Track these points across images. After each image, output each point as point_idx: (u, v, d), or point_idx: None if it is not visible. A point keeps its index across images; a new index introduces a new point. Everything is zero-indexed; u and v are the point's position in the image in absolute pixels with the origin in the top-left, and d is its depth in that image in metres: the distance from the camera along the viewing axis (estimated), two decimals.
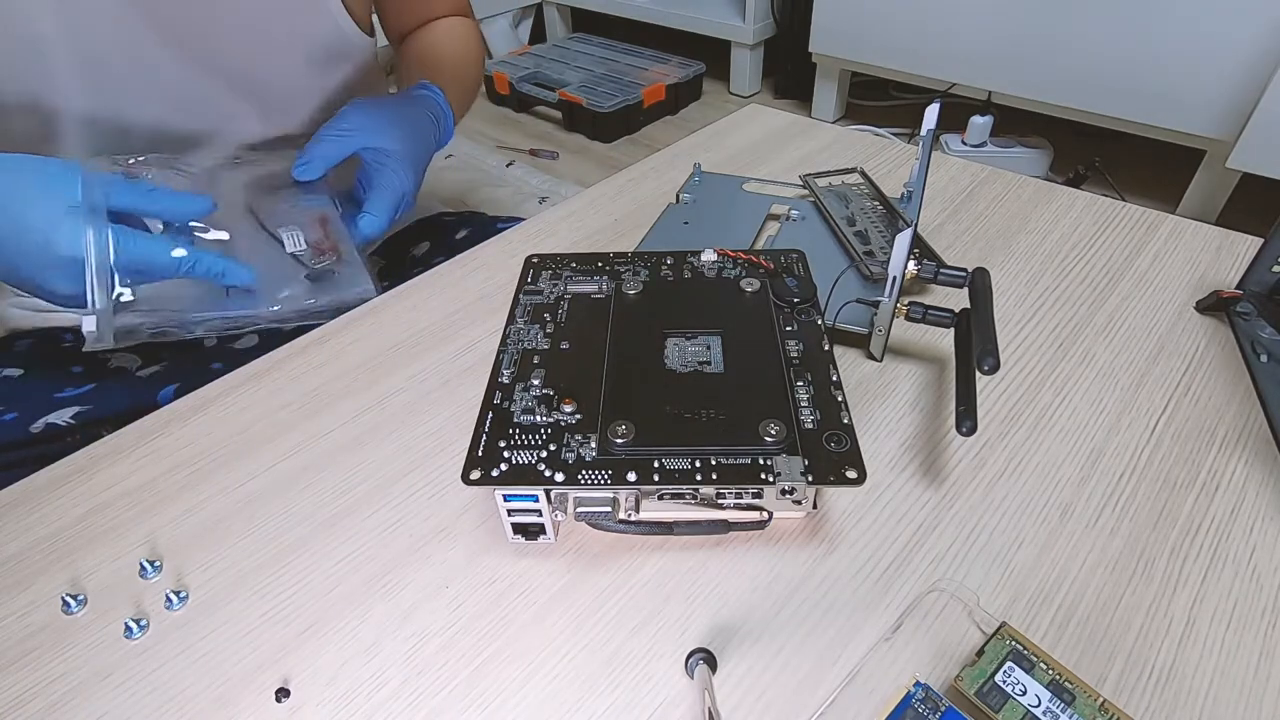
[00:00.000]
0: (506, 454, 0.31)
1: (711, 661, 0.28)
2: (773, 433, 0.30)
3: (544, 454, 0.31)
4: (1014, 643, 0.27)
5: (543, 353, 0.36)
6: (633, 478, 0.30)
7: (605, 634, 0.30)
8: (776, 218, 0.53)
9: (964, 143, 1.54)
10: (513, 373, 0.35)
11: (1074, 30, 1.31)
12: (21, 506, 0.36)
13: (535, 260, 0.43)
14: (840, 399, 0.32)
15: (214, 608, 0.31)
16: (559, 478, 0.30)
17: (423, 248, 0.65)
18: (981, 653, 0.27)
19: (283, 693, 0.28)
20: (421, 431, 0.39)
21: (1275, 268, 0.43)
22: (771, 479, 0.29)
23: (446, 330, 0.46)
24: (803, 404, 0.32)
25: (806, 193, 0.55)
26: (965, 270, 0.40)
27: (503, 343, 0.37)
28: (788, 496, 0.29)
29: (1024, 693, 0.26)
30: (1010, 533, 0.32)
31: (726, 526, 0.31)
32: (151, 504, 0.36)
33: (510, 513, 0.31)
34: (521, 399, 0.33)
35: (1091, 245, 0.51)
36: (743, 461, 0.30)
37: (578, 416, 0.32)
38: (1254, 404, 0.38)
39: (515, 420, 0.32)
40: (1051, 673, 0.26)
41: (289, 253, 0.42)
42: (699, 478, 0.29)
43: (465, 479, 0.30)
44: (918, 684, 0.26)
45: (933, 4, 1.45)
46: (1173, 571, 0.31)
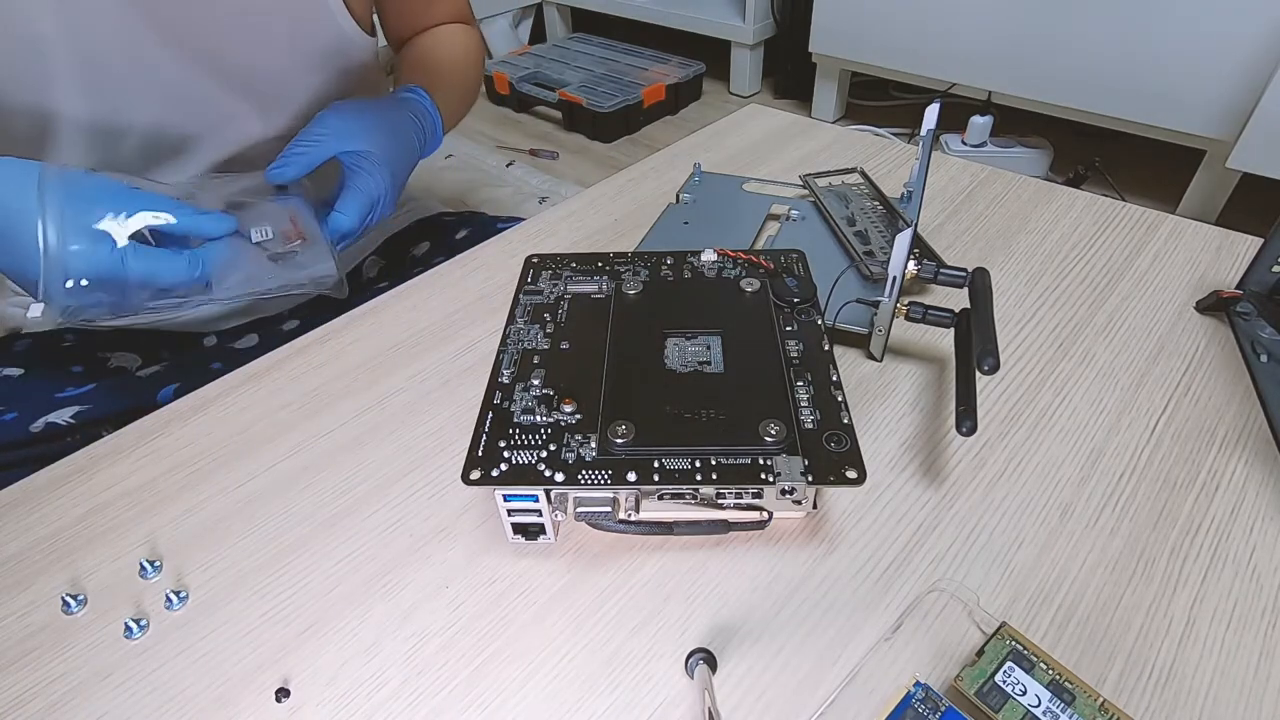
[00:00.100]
0: (506, 454, 0.31)
1: (711, 661, 0.28)
2: (773, 433, 0.30)
3: (544, 454, 0.31)
4: (1014, 643, 0.27)
5: (543, 353, 0.36)
6: (633, 478, 0.30)
7: (605, 634, 0.30)
8: (776, 218, 0.53)
9: (964, 143, 1.54)
10: (513, 373, 0.35)
11: (1074, 30, 1.31)
12: (21, 506, 0.36)
13: (535, 260, 0.43)
14: (840, 399, 0.32)
15: (214, 608, 0.31)
16: (559, 478, 0.30)
17: (423, 248, 0.65)
18: (981, 653, 0.27)
19: (283, 693, 0.28)
20: (421, 431, 0.39)
21: (1275, 268, 0.43)
22: (771, 479, 0.29)
23: (446, 330, 0.46)
24: (803, 404, 0.32)
25: (806, 193, 0.55)
26: (965, 270, 0.40)
27: (503, 343, 0.37)
28: (788, 496, 0.29)
29: (1024, 693, 0.26)
30: (1010, 533, 0.32)
31: (726, 526, 0.31)
32: (151, 504, 0.36)
33: (510, 513, 0.31)
34: (521, 399, 0.33)
35: (1091, 245, 0.51)
36: (743, 461, 0.30)
37: (578, 416, 0.32)
38: (1254, 404, 0.38)
39: (515, 420, 0.32)
40: (1051, 673, 0.26)
41: (255, 242, 0.42)
42: (699, 478, 0.29)
43: (465, 479, 0.30)
44: (918, 684, 0.26)
45: (933, 4, 1.45)
46: (1173, 571, 0.31)
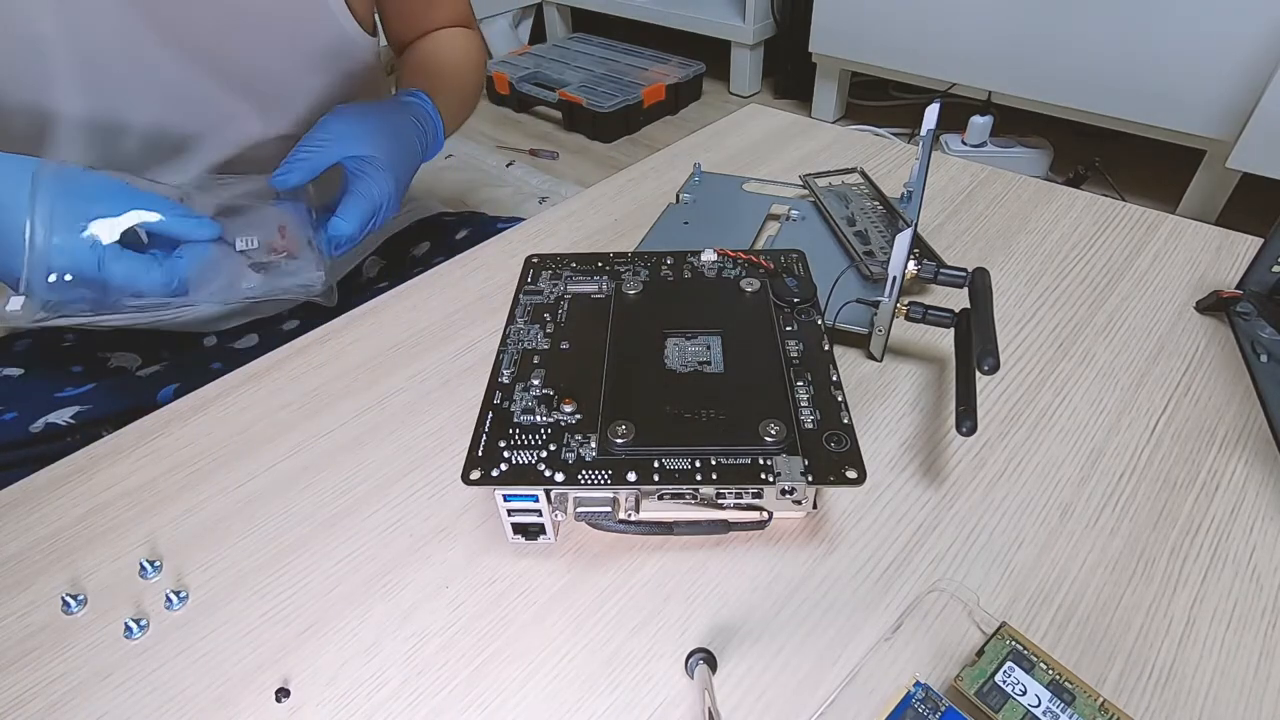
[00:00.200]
0: (506, 454, 0.31)
1: (711, 661, 0.28)
2: (773, 433, 0.30)
3: (544, 454, 0.31)
4: (1014, 643, 0.27)
5: (543, 353, 0.36)
6: (633, 478, 0.29)
7: (605, 634, 0.30)
8: (776, 218, 0.53)
9: (964, 143, 1.53)
10: (513, 373, 0.35)
11: (1074, 30, 1.31)
12: (21, 506, 0.36)
13: (535, 260, 0.43)
14: (840, 399, 0.32)
15: (214, 608, 0.31)
16: (559, 478, 0.30)
17: (423, 248, 0.65)
18: (981, 653, 0.27)
19: (283, 693, 0.28)
20: (421, 431, 0.39)
21: (1275, 268, 0.43)
22: (771, 479, 0.29)
23: (446, 330, 0.46)
24: (803, 404, 0.32)
25: (806, 193, 0.55)
26: (965, 270, 0.40)
27: (503, 343, 0.37)
28: (788, 496, 0.29)
29: (1024, 693, 0.26)
30: (1010, 533, 0.32)
31: (726, 526, 0.31)
32: (151, 504, 0.36)
33: (510, 513, 0.31)
34: (521, 399, 0.33)
35: (1091, 245, 0.51)
36: (743, 461, 0.30)
37: (578, 416, 0.32)
38: (1254, 404, 0.38)
39: (515, 420, 0.32)
40: (1051, 673, 0.26)
41: (239, 250, 0.41)
42: (699, 478, 0.29)
43: (465, 479, 0.30)
44: (918, 684, 0.26)
45: (933, 4, 1.45)
46: (1173, 571, 0.31)
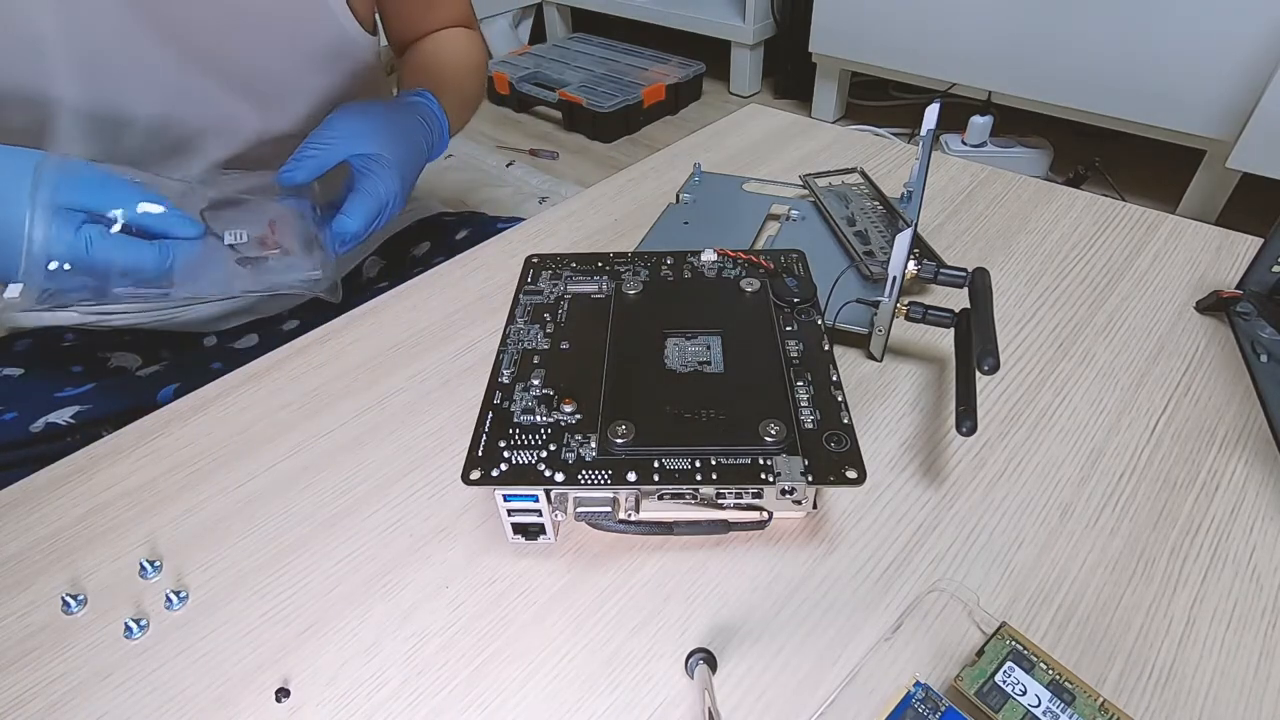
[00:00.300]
0: (506, 454, 0.31)
1: (711, 661, 0.28)
2: (773, 433, 0.30)
3: (544, 454, 0.31)
4: (1014, 643, 0.27)
5: (543, 353, 0.36)
6: (633, 478, 0.29)
7: (605, 634, 0.30)
8: (776, 218, 0.53)
9: (964, 143, 1.53)
10: (513, 373, 0.35)
11: (1074, 30, 1.31)
12: (21, 506, 0.36)
13: (535, 260, 0.43)
14: (840, 399, 0.32)
15: (214, 608, 0.31)
16: (559, 478, 0.30)
17: (423, 248, 0.65)
18: (981, 653, 0.27)
19: (283, 693, 0.28)
20: (421, 431, 0.39)
21: (1275, 268, 0.42)
22: (771, 479, 0.29)
23: (446, 330, 0.46)
24: (803, 404, 0.32)
25: (806, 193, 0.55)
26: (965, 270, 0.40)
27: (503, 343, 0.37)
28: (788, 496, 0.29)
29: (1024, 693, 0.26)
30: (1010, 533, 0.32)
31: (726, 526, 0.31)
32: (151, 504, 0.36)
33: (510, 513, 0.31)
34: (521, 399, 0.33)
35: (1091, 245, 0.51)
36: (743, 461, 0.30)
37: (578, 416, 0.32)
38: (1254, 404, 0.38)
39: (515, 420, 0.32)
40: (1051, 673, 0.26)
41: (227, 244, 0.41)
42: (699, 478, 0.29)
43: (465, 479, 0.30)
44: (918, 684, 0.26)
45: (933, 4, 1.45)
46: (1173, 571, 0.31)
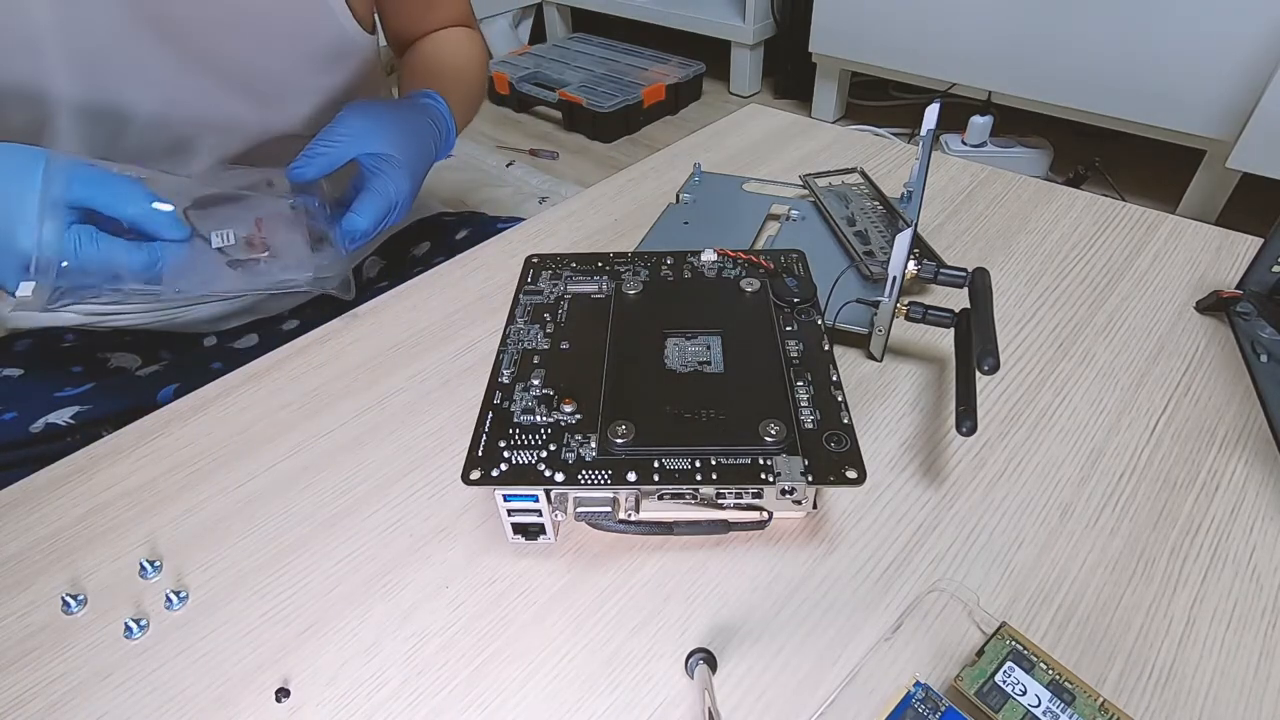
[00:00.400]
0: (506, 454, 0.31)
1: (711, 661, 0.28)
2: (773, 433, 0.30)
3: (544, 454, 0.31)
4: (1014, 643, 0.27)
5: (543, 353, 0.36)
6: (633, 478, 0.29)
7: (605, 634, 0.30)
8: (776, 218, 0.53)
9: (964, 143, 1.54)
10: (513, 373, 0.35)
11: (1074, 30, 1.31)
12: (21, 506, 0.36)
13: (535, 260, 0.43)
14: (840, 399, 0.32)
15: (214, 608, 0.31)
16: (559, 478, 0.30)
17: (423, 248, 0.65)
18: (981, 653, 0.27)
19: (283, 693, 0.28)
20: (421, 431, 0.39)
21: (1275, 268, 0.42)
22: (771, 479, 0.29)
23: (446, 330, 0.46)
24: (803, 404, 0.32)
25: (806, 193, 0.55)
26: (965, 270, 0.40)
27: (503, 343, 0.37)
28: (788, 496, 0.29)
29: (1024, 693, 0.26)
30: (1010, 533, 0.32)
31: (726, 526, 0.31)
32: (151, 504, 0.36)
33: (510, 513, 0.31)
34: (521, 399, 0.33)
35: (1091, 245, 0.51)
36: (743, 461, 0.30)
37: (578, 416, 0.32)
38: (1254, 404, 0.38)
39: (515, 420, 0.32)
40: (1051, 673, 0.26)
41: (215, 247, 0.41)
42: (699, 478, 0.29)
43: (465, 479, 0.30)
44: (918, 684, 0.26)
45: (933, 4, 1.45)
46: (1173, 571, 0.31)
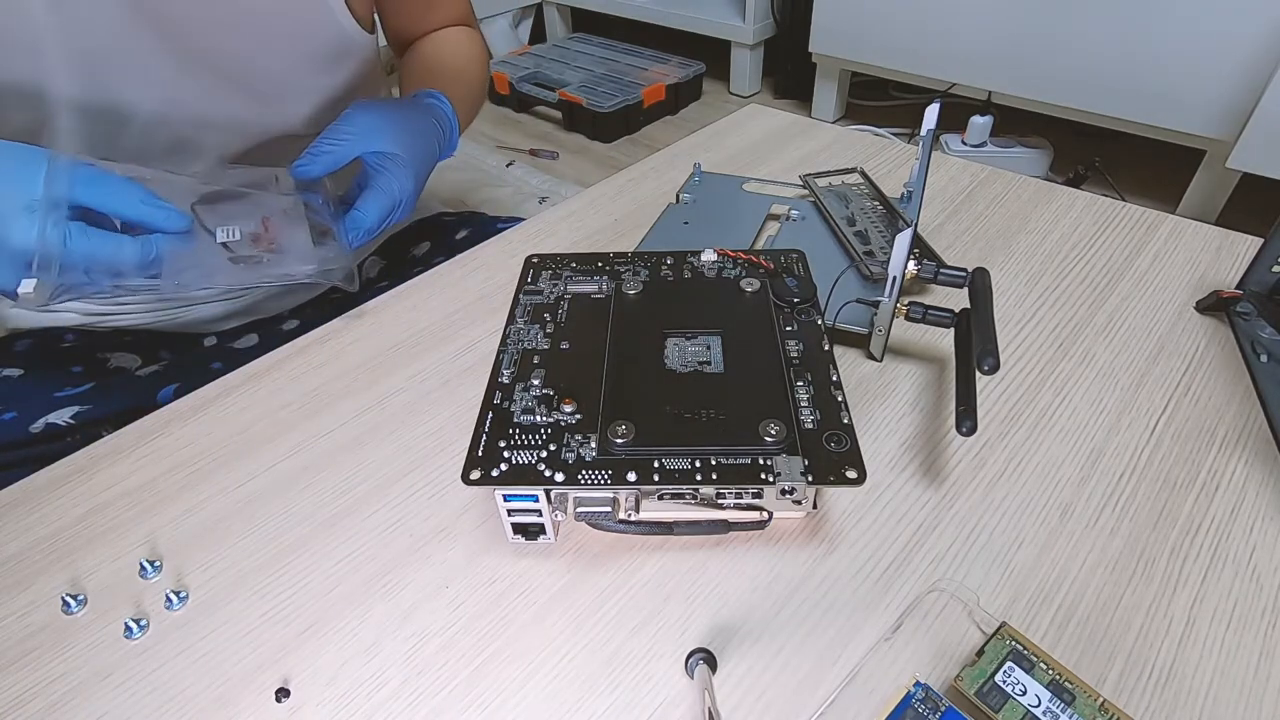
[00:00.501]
0: (506, 454, 0.31)
1: (711, 661, 0.28)
2: (773, 433, 0.30)
3: (544, 454, 0.31)
4: (1014, 643, 0.27)
5: (543, 353, 0.36)
6: (633, 478, 0.29)
7: (605, 634, 0.30)
8: (776, 218, 0.53)
9: (964, 143, 1.54)
10: (513, 373, 0.35)
11: (1074, 30, 1.31)
12: (21, 506, 0.36)
13: (535, 260, 0.43)
14: (840, 399, 0.32)
15: (214, 608, 0.31)
16: (559, 478, 0.30)
17: (423, 248, 0.65)
18: (981, 653, 0.27)
19: (283, 693, 0.28)
20: (421, 431, 0.39)
21: (1275, 268, 0.42)
22: (771, 479, 0.29)
23: (446, 330, 0.46)
24: (803, 404, 0.32)
25: (806, 193, 0.55)
26: (965, 270, 0.40)
27: (503, 343, 0.37)
28: (788, 496, 0.29)
29: (1024, 693, 0.26)
30: (1010, 533, 0.32)
31: (726, 526, 0.31)
32: (151, 504, 0.36)
33: (510, 513, 0.31)
34: (521, 399, 0.33)
35: (1091, 245, 0.51)
36: (743, 461, 0.30)
37: (578, 416, 0.32)
38: (1254, 404, 0.38)
39: (515, 420, 0.32)
40: (1051, 673, 0.26)
41: (220, 242, 0.41)
42: (699, 478, 0.29)
43: (465, 479, 0.30)
44: (918, 684, 0.26)
45: (933, 4, 1.45)
46: (1173, 571, 0.31)
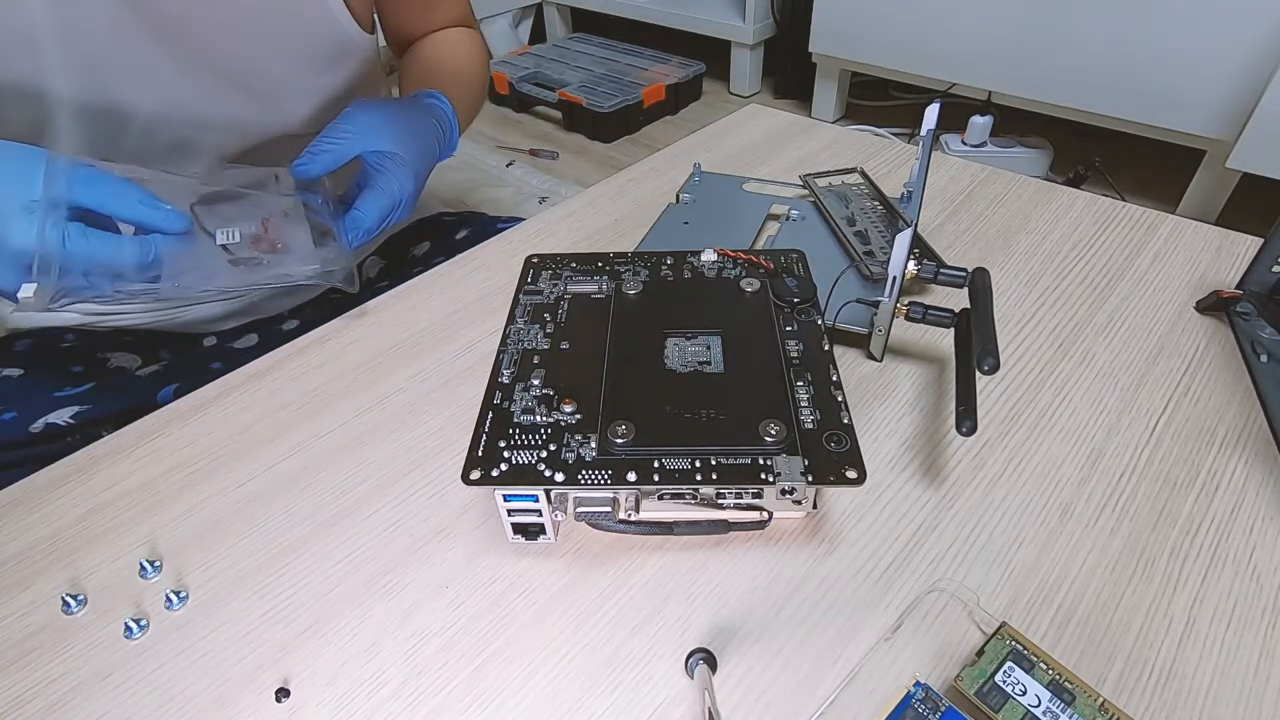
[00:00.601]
0: (506, 454, 0.31)
1: (711, 661, 0.28)
2: (773, 433, 0.30)
3: (544, 454, 0.31)
4: (1014, 643, 0.27)
5: (543, 353, 0.36)
6: (633, 478, 0.29)
7: (605, 634, 0.30)
8: (776, 218, 0.53)
9: (964, 143, 1.54)
10: (513, 373, 0.35)
11: (1074, 30, 1.31)
12: (21, 506, 0.36)
13: (535, 260, 0.43)
14: (840, 399, 0.32)
15: (214, 608, 0.31)
16: (559, 478, 0.30)
17: (423, 248, 0.65)
18: (981, 653, 0.27)
19: (283, 693, 0.28)
20: (421, 431, 0.39)
21: (1275, 268, 0.42)
22: (771, 479, 0.29)
23: (446, 330, 0.46)
24: (803, 404, 0.32)
25: (806, 193, 0.55)
26: (965, 270, 0.40)
27: (503, 343, 0.37)
28: (788, 496, 0.29)
29: (1024, 693, 0.26)
30: (1010, 533, 0.32)
31: (726, 526, 0.31)
32: (151, 504, 0.36)
33: (510, 513, 0.31)
34: (521, 399, 0.33)
35: (1091, 245, 0.51)
36: (743, 461, 0.30)
37: (578, 416, 0.32)
38: (1254, 404, 0.38)
39: (515, 420, 0.32)
40: (1051, 673, 0.26)
41: (219, 244, 0.41)
42: (699, 478, 0.29)
43: (465, 479, 0.30)
44: (918, 684, 0.26)
45: (933, 4, 1.45)
46: (1173, 571, 0.31)
